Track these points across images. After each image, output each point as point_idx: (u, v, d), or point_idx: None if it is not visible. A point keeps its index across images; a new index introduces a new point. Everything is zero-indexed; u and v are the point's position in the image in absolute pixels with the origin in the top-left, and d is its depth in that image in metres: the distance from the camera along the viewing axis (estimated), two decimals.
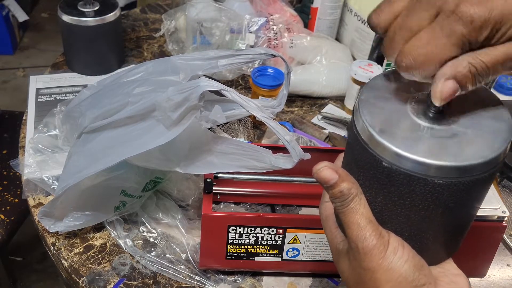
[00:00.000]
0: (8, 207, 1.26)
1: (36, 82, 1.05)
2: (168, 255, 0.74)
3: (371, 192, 0.43)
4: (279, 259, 0.70)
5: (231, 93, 0.58)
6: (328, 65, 1.07)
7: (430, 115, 0.41)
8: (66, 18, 1.02)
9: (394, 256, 0.41)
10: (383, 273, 0.41)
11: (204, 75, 0.64)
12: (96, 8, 1.04)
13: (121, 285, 0.70)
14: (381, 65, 1.03)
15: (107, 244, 0.76)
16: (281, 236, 0.67)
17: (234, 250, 0.68)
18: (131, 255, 0.74)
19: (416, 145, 0.39)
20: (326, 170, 0.41)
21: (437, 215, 0.41)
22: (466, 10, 0.34)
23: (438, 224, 0.42)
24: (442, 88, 0.36)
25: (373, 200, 0.43)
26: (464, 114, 0.41)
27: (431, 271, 0.43)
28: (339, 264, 0.46)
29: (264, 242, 0.68)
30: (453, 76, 0.36)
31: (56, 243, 0.75)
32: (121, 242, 0.75)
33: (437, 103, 0.38)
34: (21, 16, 2.72)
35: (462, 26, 0.34)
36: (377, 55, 1.05)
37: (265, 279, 0.73)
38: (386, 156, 0.40)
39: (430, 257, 0.45)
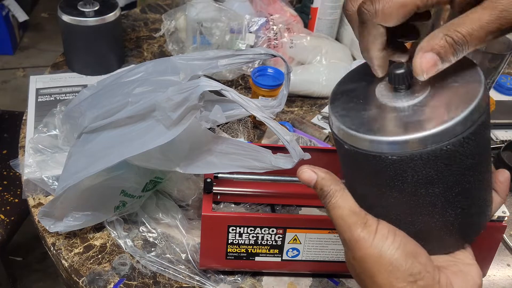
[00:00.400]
0: (8, 207, 1.26)
1: (36, 82, 1.05)
2: (168, 255, 0.74)
3: (351, 179, 0.44)
4: (279, 259, 0.70)
5: (231, 93, 0.58)
6: (328, 65, 1.07)
7: (397, 94, 0.41)
8: (66, 18, 1.02)
9: (383, 243, 0.41)
10: (373, 262, 0.40)
11: (204, 75, 0.64)
12: (96, 8, 1.04)
13: (121, 285, 0.70)
14: None
15: (107, 244, 0.76)
16: (281, 236, 0.67)
17: (234, 250, 0.68)
18: (131, 255, 0.74)
19: (370, 124, 0.40)
20: (305, 172, 0.45)
21: (411, 194, 0.40)
22: None
23: (421, 205, 0.41)
24: (421, 60, 0.37)
25: (355, 186, 0.44)
26: (430, 86, 0.41)
27: (430, 260, 0.42)
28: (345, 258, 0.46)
29: (264, 242, 0.68)
30: (430, 48, 0.37)
31: (56, 243, 0.75)
32: (121, 242, 0.75)
33: (420, 77, 0.38)
34: (21, 16, 2.72)
35: None
36: None
37: (265, 279, 0.73)
38: (345, 138, 0.41)
39: (433, 244, 0.43)
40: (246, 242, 0.68)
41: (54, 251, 0.75)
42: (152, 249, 0.75)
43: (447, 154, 0.38)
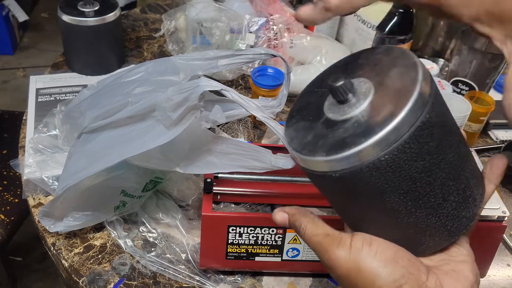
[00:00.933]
0: (8, 207, 1.26)
1: (36, 82, 1.05)
2: (168, 255, 0.74)
3: (327, 199, 0.45)
4: (279, 259, 0.70)
5: (231, 93, 0.58)
6: (328, 65, 1.07)
7: (341, 105, 0.41)
8: (66, 18, 1.02)
9: (359, 255, 0.41)
10: (355, 276, 0.41)
11: (204, 75, 0.64)
12: (96, 8, 1.04)
13: (121, 285, 0.70)
14: None
15: (107, 244, 0.76)
16: (281, 236, 0.67)
17: (234, 250, 0.68)
18: (131, 255, 0.74)
19: (313, 143, 0.41)
20: (277, 214, 0.47)
21: (371, 206, 0.40)
22: None
23: (387, 213, 0.40)
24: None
25: (332, 205, 0.46)
26: (373, 90, 0.40)
27: (414, 261, 0.41)
28: None
29: (264, 242, 0.68)
30: None
31: (56, 243, 0.75)
32: (121, 242, 0.75)
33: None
34: (21, 16, 2.72)
35: None
36: None
37: (265, 279, 0.73)
38: (296, 161, 0.43)
39: (418, 246, 0.43)
40: (246, 242, 0.68)
41: (54, 251, 0.75)
42: (152, 249, 0.75)
43: (389, 163, 0.37)
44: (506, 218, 0.66)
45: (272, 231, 0.67)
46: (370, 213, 0.41)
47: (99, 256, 0.74)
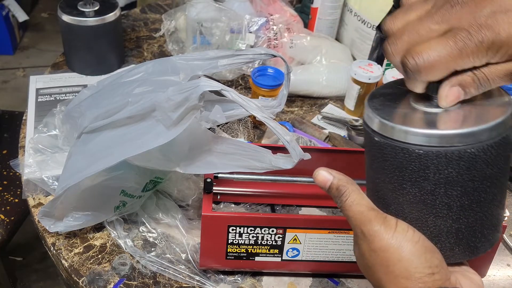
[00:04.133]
0: (8, 207, 1.26)
1: (36, 82, 1.05)
2: (168, 255, 0.74)
3: (373, 176, 0.46)
4: (279, 259, 0.70)
5: (231, 93, 0.58)
6: (328, 65, 1.07)
7: (430, 102, 0.43)
8: (66, 18, 1.02)
9: (404, 235, 0.42)
10: (393, 252, 0.42)
11: (204, 75, 0.64)
12: (96, 8, 1.04)
13: (121, 285, 0.70)
14: (381, 65, 1.03)
15: (107, 244, 0.76)
16: (281, 236, 0.67)
17: (234, 250, 0.68)
18: (131, 255, 0.74)
19: (402, 118, 0.43)
20: (321, 173, 0.47)
21: (430, 192, 0.42)
22: (477, 33, 0.38)
23: (437, 205, 0.43)
24: (448, 93, 0.41)
25: (376, 183, 0.46)
26: (460, 102, 0.43)
27: (443, 258, 0.44)
28: (355, 255, 0.47)
29: (264, 242, 0.68)
30: (458, 83, 0.40)
31: (56, 243, 0.75)
32: (121, 242, 0.75)
33: (443, 105, 0.41)
34: (21, 16, 2.72)
35: (474, 44, 0.38)
36: (377, 55, 1.05)
37: (265, 279, 0.73)
38: (377, 128, 0.43)
39: (441, 250, 0.45)
40: (246, 242, 0.68)
41: (54, 251, 0.75)
42: (152, 249, 0.75)
43: (470, 157, 0.40)
44: (506, 218, 0.66)
45: (272, 231, 0.67)
46: (418, 199, 0.43)
47: (99, 256, 0.74)
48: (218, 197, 0.79)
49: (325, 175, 0.47)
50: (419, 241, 0.42)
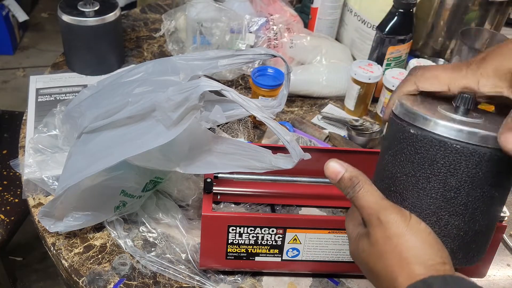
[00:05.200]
0: (8, 207, 1.26)
1: (36, 82, 1.05)
2: (168, 255, 0.74)
3: (393, 169, 0.47)
4: (279, 259, 0.70)
5: (231, 93, 0.58)
6: (328, 65, 1.07)
7: (456, 114, 0.46)
8: (66, 18, 1.02)
9: (418, 226, 0.44)
10: (408, 239, 0.43)
11: (204, 75, 0.64)
12: (96, 8, 1.04)
13: (121, 285, 0.70)
14: (381, 65, 1.03)
15: (107, 244, 0.76)
16: (281, 236, 0.67)
17: (234, 250, 0.68)
18: (131, 255, 0.74)
19: (439, 115, 0.45)
20: (333, 164, 0.47)
21: (454, 188, 0.44)
22: None
23: (456, 203, 0.44)
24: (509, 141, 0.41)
25: (395, 177, 0.47)
26: (489, 115, 0.46)
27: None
28: (358, 247, 0.47)
29: (264, 242, 0.68)
30: None
31: (56, 243, 0.75)
32: (121, 242, 0.75)
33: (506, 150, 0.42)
34: (21, 16, 2.72)
35: None
36: (377, 55, 1.05)
37: (265, 279, 0.73)
38: (415, 122, 0.45)
39: (453, 254, 0.46)
40: (246, 242, 0.68)
41: (54, 251, 0.75)
42: (152, 249, 0.75)
43: (500, 161, 0.43)
44: (506, 218, 0.66)
45: (272, 231, 0.67)
46: (439, 194, 0.45)
47: (99, 256, 0.74)
48: (218, 197, 0.79)
49: (336, 167, 0.47)
50: (431, 233, 0.44)
